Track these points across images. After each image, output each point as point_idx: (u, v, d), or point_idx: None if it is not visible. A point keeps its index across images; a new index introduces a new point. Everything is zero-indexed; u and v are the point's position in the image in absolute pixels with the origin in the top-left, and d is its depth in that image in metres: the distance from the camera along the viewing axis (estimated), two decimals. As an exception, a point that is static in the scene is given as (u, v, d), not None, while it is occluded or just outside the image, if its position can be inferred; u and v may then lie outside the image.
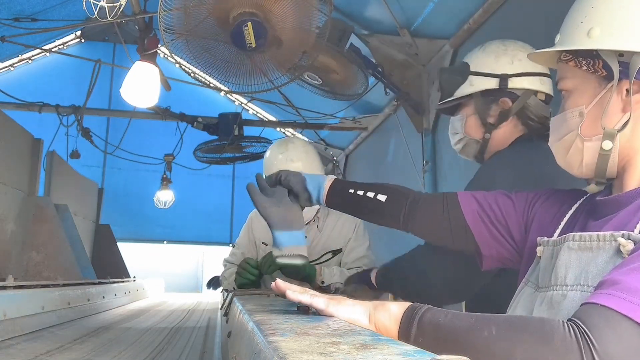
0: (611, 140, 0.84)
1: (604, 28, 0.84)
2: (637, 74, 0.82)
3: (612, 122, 0.85)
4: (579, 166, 0.90)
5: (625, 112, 0.84)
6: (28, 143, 3.59)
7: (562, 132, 0.92)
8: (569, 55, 0.90)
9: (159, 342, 1.99)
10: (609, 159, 0.86)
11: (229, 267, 2.42)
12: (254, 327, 0.72)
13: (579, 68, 0.89)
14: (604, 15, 0.85)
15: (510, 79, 1.42)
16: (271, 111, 6.45)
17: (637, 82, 0.83)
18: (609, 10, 0.85)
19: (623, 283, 0.68)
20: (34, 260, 3.13)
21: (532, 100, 1.42)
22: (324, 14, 2.32)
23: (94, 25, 4.48)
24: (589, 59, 0.87)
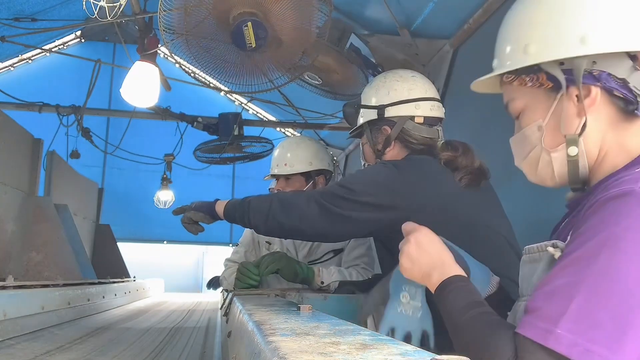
0: (575, 146, 0.85)
1: (539, 42, 0.85)
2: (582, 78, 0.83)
3: (571, 128, 0.85)
4: (552, 178, 0.90)
5: (581, 117, 0.84)
6: (28, 143, 3.59)
7: (526, 150, 0.92)
8: (512, 76, 0.90)
9: (159, 342, 1.99)
10: (578, 164, 0.86)
11: (229, 266, 2.42)
12: (254, 327, 0.72)
13: (524, 86, 0.89)
14: (535, 30, 0.87)
15: (387, 108, 1.60)
16: (271, 111, 6.45)
17: (585, 86, 0.83)
18: (539, 25, 0.86)
19: (540, 310, 0.71)
20: (34, 260, 3.13)
21: (408, 125, 1.58)
22: (324, 14, 2.31)
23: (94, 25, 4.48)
24: (532, 74, 0.87)
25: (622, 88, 0.82)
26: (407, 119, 1.59)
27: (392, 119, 1.60)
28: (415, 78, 1.66)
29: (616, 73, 0.82)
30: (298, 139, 2.58)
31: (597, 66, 0.82)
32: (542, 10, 0.87)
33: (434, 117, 1.62)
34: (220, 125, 4.06)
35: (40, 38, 5.24)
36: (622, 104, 0.83)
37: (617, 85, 0.82)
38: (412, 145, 1.59)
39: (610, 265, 0.68)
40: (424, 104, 1.60)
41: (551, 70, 0.85)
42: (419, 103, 1.60)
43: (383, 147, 1.62)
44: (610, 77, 0.82)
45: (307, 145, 2.45)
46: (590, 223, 0.73)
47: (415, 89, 1.63)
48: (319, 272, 2.05)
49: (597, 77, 0.82)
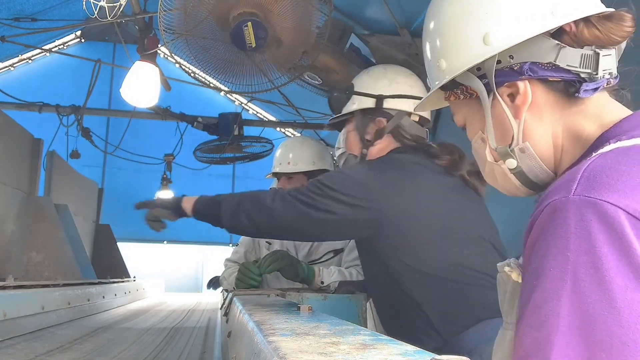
0: (512, 158, 0.77)
1: (447, 56, 0.81)
2: (502, 77, 0.75)
3: (508, 137, 0.77)
4: (517, 188, 0.82)
5: (518, 118, 0.76)
6: (28, 143, 3.59)
7: (482, 164, 0.86)
8: (446, 93, 0.86)
9: (159, 342, 1.99)
10: (525, 174, 0.78)
11: (229, 266, 2.42)
12: (254, 327, 0.72)
13: (459, 99, 0.84)
14: (440, 44, 0.83)
15: (386, 99, 1.56)
16: (271, 111, 6.45)
17: (512, 84, 0.76)
18: (442, 38, 0.82)
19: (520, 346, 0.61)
20: (34, 260, 3.13)
21: (405, 121, 1.56)
22: (324, 14, 2.31)
23: (94, 25, 4.47)
24: (455, 88, 0.83)
25: (555, 71, 0.73)
26: (405, 114, 1.57)
27: (390, 111, 1.57)
28: (413, 76, 1.67)
29: (540, 59, 0.73)
30: (301, 139, 2.60)
31: (516, 59, 0.74)
32: (441, 21, 0.83)
33: (427, 118, 1.63)
34: (220, 125, 4.06)
35: (40, 38, 5.24)
36: (562, 87, 0.74)
37: (548, 71, 0.73)
38: (404, 140, 1.56)
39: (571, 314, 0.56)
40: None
41: (466, 81, 0.79)
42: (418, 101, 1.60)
43: (374, 138, 1.57)
44: (535, 66, 0.74)
45: (310, 145, 2.47)
46: (533, 249, 0.62)
47: (416, 87, 1.63)
48: (319, 272, 2.05)
49: (519, 71, 0.74)
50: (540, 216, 0.62)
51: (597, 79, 0.72)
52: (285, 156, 2.41)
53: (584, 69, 0.72)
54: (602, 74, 0.72)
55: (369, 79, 1.63)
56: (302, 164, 2.39)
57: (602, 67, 0.72)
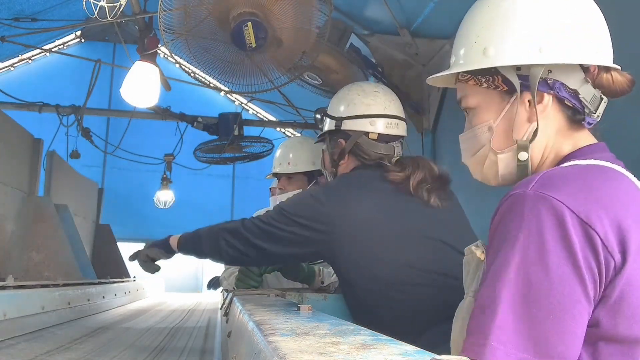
0: (526, 151, 0.88)
1: (498, 46, 0.87)
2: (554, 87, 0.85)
3: (520, 133, 0.88)
4: (495, 178, 0.93)
5: (531, 122, 0.87)
6: (28, 143, 3.59)
7: (475, 148, 0.94)
8: (467, 75, 0.93)
9: (159, 342, 1.99)
10: (527, 168, 0.89)
11: (229, 266, 2.42)
12: (254, 327, 0.72)
13: (479, 86, 0.91)
14: (495, 34, 0.88)
15: (344, 121, 1.63)
16: (271, 111, 6.45)
17: (539, 93, 0.86)
18: (500, 29, 0.88)
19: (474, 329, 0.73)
20: (34, 260, 3.13)
21: (362, 140, 1.60)
22: (324, 14, 2.31)
23: (94, 25, 4.48)
24: (488, 76, 0.90)
25: (573, 98, 0.85)
26: (362, 134, 1.61)
27: (348, 132, 1.63)
28: (377, 93, 1.67)
29: (569, 83, 0.85)
30: (301, 139, 2.57)
31: (552, 75, 0.85)
32: (502, 14, 0.89)
33: (390, 134, 1.63)
34: (220, 125, 4.06)
35: (40, 38, 5.24)
36: (571, 113, 0.87)
37: (569, 95, 0.85)
38: (363, 160, 1.62)
39: (517, 277, 0.71)
40: (380, 121, 1.62)
41: (508, 74, 0.88)
42: (375, 120, 1.62)
43: (338, 158, 1.66)
44: (563, 87, 0.85)
45: (310, 145, 2.46)
46: (495, 231, 0.77)
47: (374, 105, 1.64)
48: (319, 272, 2.05)
49: (551, 86, 0.85)
50: (503, 205, 0.78)
51: (593, 117, 0.86)
52: (285, 156, 2.41)
53: (590, 106, 0.86)
54: (597, 115, 0.87)
55: (334, 101, 1.71)
56: (302, 165, 2.38)
57: (599, 111, 0.87)
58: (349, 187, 1.53)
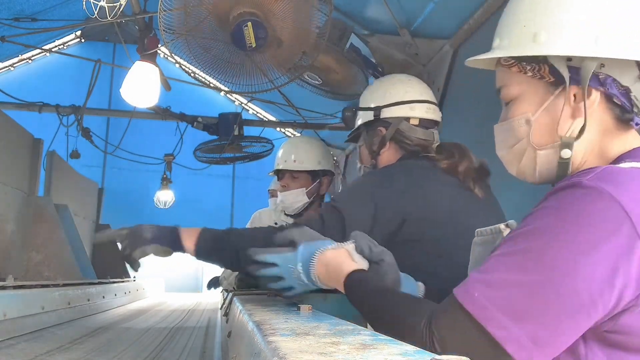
0: (569, 149, 0.82)
1: (551, 32, 0.80)
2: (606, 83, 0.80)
3: (563, 129, 0.82)
4: (533, 175, 0.88)
5: (575, 118, 0.81)
6: (28, 143, 3.59)
7: (510, 142, 0.88)
8: (512, 61, 0.86)
9: (159, 342, 1.99)
10: (569, 166, 0.83)
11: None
12: (254, 327, 0.72)
13: (524, 74, 0.85)
14: (549, 18, 0.81)
15: (382, 109, 1.61)
16: (271, 111, 6.45)
17: (589, 88, 0.80)
18: (554, 14, 0.81)
19: (472, 277, 0.74)
20: (34, 260, 3.13)
21: (403, 126, 1.58)
22: (324, 14, 2.31)
23: (94, 25, 4.48)
24: (535, 64, 0.83)
25: (623, 96, 0.79)
26: (402, 119, 1.60)
27: (388, 120, 1.61)
28: (411, 81, 1.69)
29: (621, 80, 0.79)
30: (306, 138, 2.58)
31: (604, 69, 0.79)
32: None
33: (430, 119, 1.63)
34: (220, 125, 4.06)
35: (40, 38, 5.24)
36: (619, 112, 0.81)
37: (619, 93, 0.79)
38: (406, 147, 1.59)
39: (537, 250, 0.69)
40: (419, 106, 1.61)
41: (558, 64, 0.81)
42: (414, 105, 1.61)
43: (378, 147, 1.62)
44: (614, 83, 0.79)
45: (316, 144, 2.47)
46: (537, 208, 0.74)
47: (411, 91, 1.64)
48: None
49: (602, 82, 0.79)
50: (555, 188, 0.75)
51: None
52: (289, 153, 2.39)
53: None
54: None
55: (367, 94, 1.70)
56: (308, 163, 2.37)
57: None
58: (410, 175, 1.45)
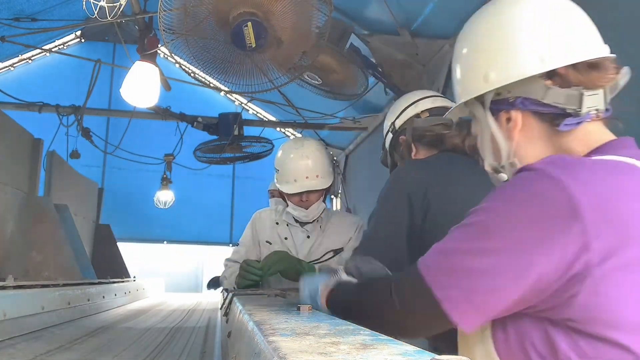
0: (503, 173, 0.94)
1: (461, 84, 0.98)
2: (501, 106, 0.91)
3: (505, 152, 0.93)
4: None
5: (510, 140, 0.92)
6: (28, 143, 3.59)
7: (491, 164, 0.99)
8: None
9: (159, 342, 1.99)
10: None
11: (230, 266, 2.42)
12: (254, 327, 0.72)
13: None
14: (459, 75, 0.99)
15: (395, 122, 1.71)
16: (271, 111, 6.45)
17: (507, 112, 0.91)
18: (459, 70, 0.99)
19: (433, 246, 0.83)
20: (34, 260, 3.13)
21: (416, 122, 1.64)
22: (324, 14, 2.31)
23: (94, 25, 4.48)
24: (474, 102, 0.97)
25: (543, 106, 0.87)
26: (413, 118, 1.66)
27: (403, 127, 1.68)
28: (414, 92, 1.76)
29: (531, 95, 0.88)
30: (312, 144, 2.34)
31: (512, 94, 0.90)
32: (461, 55, 0.99)
33: (439, 106, 1.65)
34: (220, 125, 4.06)
35: (40, 38, 5.24)
36: (550, 119, 0.88)
37: (537, 106, 0.88)
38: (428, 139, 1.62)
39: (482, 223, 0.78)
40: (423, 101, 1.67)
41: (472, 107, 0.96)
42: (418, 102, 1.67)
43: (407, 154, 1.67)
44: (527, 100, 0.89)
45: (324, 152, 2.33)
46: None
47: (412, 96, 1.72)
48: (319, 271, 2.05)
49: (513, 103, 0.90)
50: (517, 173, 0.82)
51: (581, 115, 0.85)
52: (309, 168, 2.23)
53: (568, 106, 0.86)
54: (587, 111, 0.85)
55: (384, 124, 1.80)
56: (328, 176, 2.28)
57: (586, 105, 0.85)
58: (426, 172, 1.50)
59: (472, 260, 0.76)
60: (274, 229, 2.38)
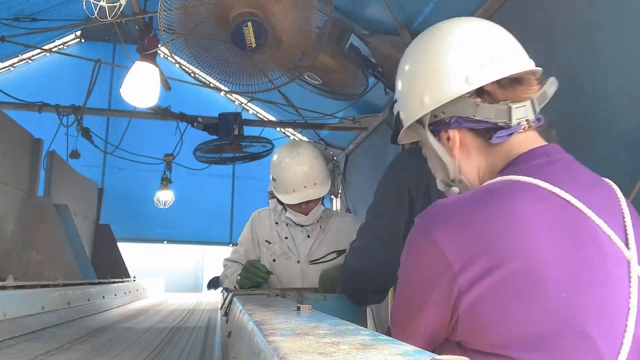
0: (455, 186, 1.01)
1: (402, 109, 1.05)
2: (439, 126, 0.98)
3: (450, 169, 1.00)
4: None
5: (452, 157, 0.99)
6: (28, 143, 3.59)
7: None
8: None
9: (159, 342, 1.99)
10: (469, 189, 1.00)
11: (230, 266, 2.42)
12: (254, 327, 0.72)
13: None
14: (399, 101, 1.06)
15: None
16: (271, 111, 6.45)
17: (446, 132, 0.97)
18: (399, 97, 1.06)
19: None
20: (34, 260, 3.13)
21: None
22: (324, 14, 2.31)
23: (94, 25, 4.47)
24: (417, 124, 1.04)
25: (476, 123, 0.94)
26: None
27: None
28: None
29: (463, 114, 0.95)
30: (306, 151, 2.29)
31: (446, 114, 0.96)
32: (399, 83, 1.07)
33: None
34: (220, 125, 4.06)
35: (40, 38, 5.24)
36: (484, 133, 0.95)
37: (470, 122, 0.95)
38: None
39: (400, 287, 0.91)
40: None
41: (416, 130, 1.03)
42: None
43: None
44: (461, 119, 0.95)
45: (320, 157, 2.31)
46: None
47: None
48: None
49: (449, 123, 0.97)
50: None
51: (511, 127, 0.92)
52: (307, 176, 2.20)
53: (499, 119, 0.92)
54: (517, 122, 0.92)
55: None
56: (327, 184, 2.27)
57: (515, 117, 0.92)
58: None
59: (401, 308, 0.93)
60: (273, 228, 2.38)
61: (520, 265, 0.76)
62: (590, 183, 0.88)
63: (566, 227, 0.79)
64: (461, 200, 0.86)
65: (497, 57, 0.94)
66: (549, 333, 0.74)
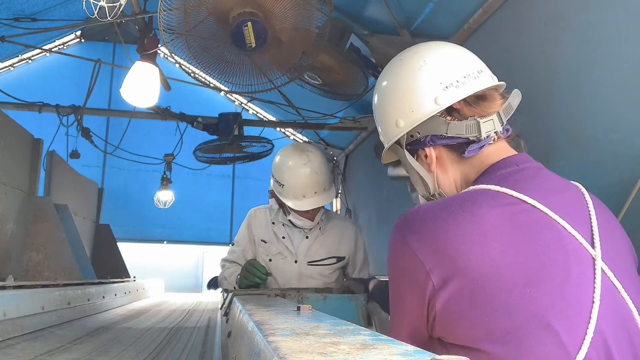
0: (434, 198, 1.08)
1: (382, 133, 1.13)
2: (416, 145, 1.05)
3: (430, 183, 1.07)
4: None
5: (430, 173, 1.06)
6: (28, 143, 3.59)
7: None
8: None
9: (159, 342, 1.99)
10: None
11: (228, 266, 2.41)
12: (254, 327, 0.72)
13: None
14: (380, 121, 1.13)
15: None
16: (271, 111, 6.45)
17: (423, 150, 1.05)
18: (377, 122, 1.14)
19: None
20: (34, 260, 3.13)
21: None
22: (324, 14, 2.31)
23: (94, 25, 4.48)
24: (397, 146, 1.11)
25: (449, 139, 1.02)
26: None
27: None
28: None
29: (436, 132, 1.02)
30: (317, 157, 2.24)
31: (421, 134, 1.04)
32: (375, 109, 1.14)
33: None
34: (220, 125, 4.06)
35: (40, 38, 5.23)
36: (457, 148, 1.02)
37: (444, 139, 1.02)
38: None
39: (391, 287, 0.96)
40: None
41: (395, 151, 1.10)
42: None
43: None
44: (435, 137, 1.03)
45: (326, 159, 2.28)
46: None
47: None
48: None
49: (424, 142, 1.04)
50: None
51: (481, 140, 0.99)
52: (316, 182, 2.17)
53: (469, 134, 1.00)
54: (486, 135, 0.99)
55: None
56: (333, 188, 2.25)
57: (484, 131, 0.99)
58: None
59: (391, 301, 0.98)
60: (270, 228, 2.36)
61: (481, 268, 0.82)
62: (556, 188, 0.93)
63: (530, 230, 0.85)
64: (434, 208, 0.92)
65: (462, 78, 1.02)
66: (515, 327, 0.79)
